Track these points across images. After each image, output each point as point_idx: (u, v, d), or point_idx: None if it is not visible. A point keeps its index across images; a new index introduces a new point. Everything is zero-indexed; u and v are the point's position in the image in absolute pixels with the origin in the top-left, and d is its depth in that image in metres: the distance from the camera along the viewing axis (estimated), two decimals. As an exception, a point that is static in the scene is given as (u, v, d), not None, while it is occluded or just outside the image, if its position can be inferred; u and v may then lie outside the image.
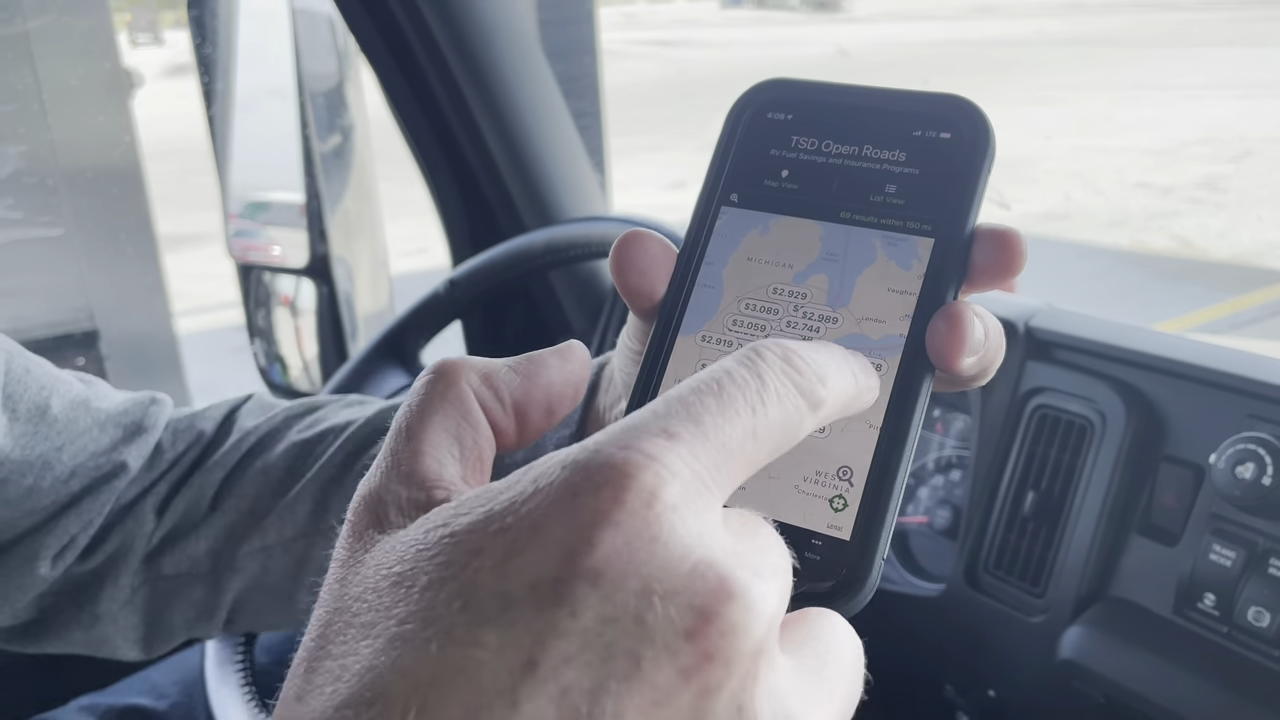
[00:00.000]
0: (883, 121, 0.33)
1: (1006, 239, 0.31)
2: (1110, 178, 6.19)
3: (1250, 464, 0.68)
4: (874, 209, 0.33)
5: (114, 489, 0.54)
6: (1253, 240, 4.96)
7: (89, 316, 2.14)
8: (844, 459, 0.30)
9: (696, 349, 0.33)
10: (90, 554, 0.54)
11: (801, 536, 0.30)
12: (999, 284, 0.31)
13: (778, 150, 0.34)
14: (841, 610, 0.29)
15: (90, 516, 0.53)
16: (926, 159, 0.32)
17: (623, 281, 0.33)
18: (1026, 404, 0.83)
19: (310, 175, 1.38)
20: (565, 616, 0.19)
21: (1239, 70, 9.31)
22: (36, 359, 0.54)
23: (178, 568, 0.55)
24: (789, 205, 0.33)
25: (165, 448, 0.56)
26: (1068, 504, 0.79)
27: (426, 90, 1.12)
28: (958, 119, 0.32)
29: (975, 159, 0.32)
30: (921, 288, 0.31)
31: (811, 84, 0.35)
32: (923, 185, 0.32)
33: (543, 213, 1.14)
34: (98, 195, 2.10)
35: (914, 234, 0.32)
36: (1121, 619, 0.75)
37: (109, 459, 0.54)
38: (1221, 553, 0.70)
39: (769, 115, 0.35)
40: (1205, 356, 0.75)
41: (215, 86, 1.47)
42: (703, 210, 0.34)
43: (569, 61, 1.31)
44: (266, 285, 1.63)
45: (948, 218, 0.32)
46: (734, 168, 0.35)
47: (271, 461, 0.56)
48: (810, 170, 0.34)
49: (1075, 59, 10.76)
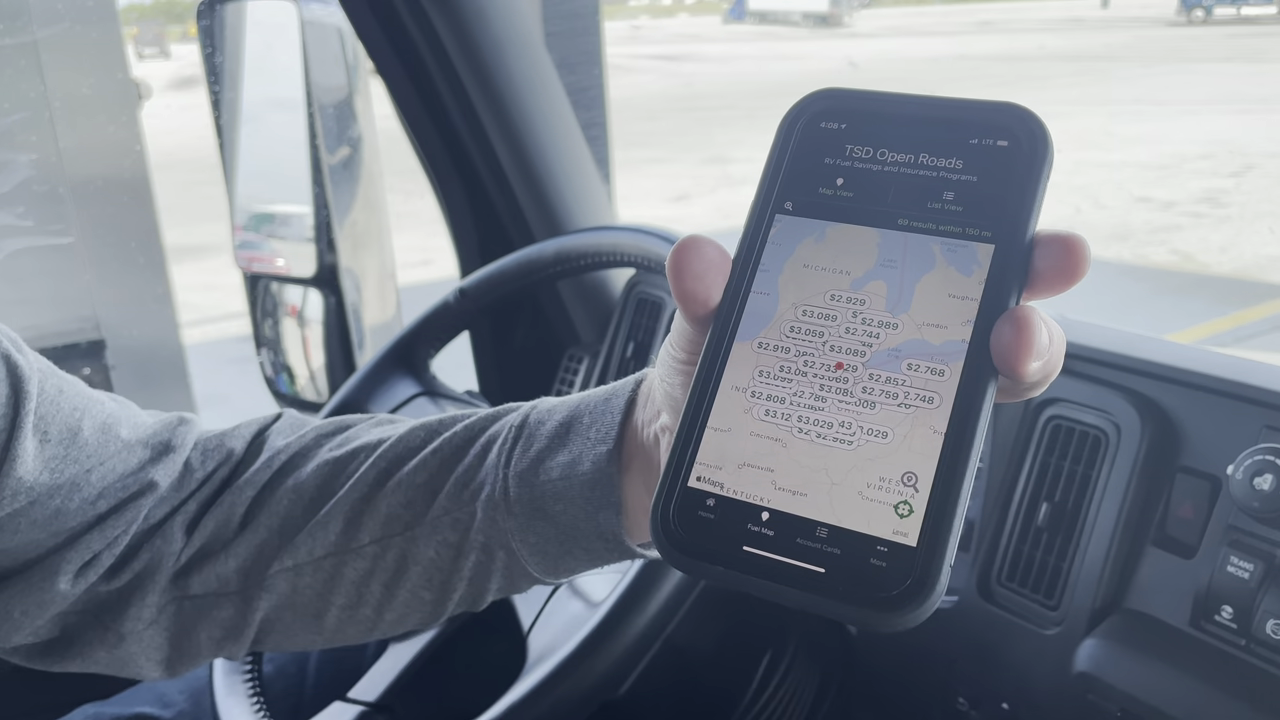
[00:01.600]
0: (938, 130, 0.33)
1: (1070, 244, 0.31)
2: (1112, 192, 6.20)
3: (1269, 475, 0.68)
4: (932, 215, 0.33)
5: (140, 507, 0.53)
6: (1254, 254, 4.97)
7: (95, 326, 2.14)
8: (909, 465, 0.30)
9: (753, 355, 0.33)
10: (117, 573, 0.54)
11: (866, 543, 0.30)
12: (1061, 289, 0.31)
13: (832, 159, 0.34)
14: (908, 618, 0.29)
15: (115, 534, 0.53)
16: (984, 166, 0.32)
17: (679, 286, 0.33)
18: (1040, 415, 0.82)
19: (319, 185, 1.38)
20: None
21: (1238, 85, 9.34)
22: (69, 378, 0.53)
23: (206, 587, 0.54)
24: (845, 213, 0.34)
25: (195, 467, 0.56)
26: (1082, 515, 0.78)
27: (436, 100, 1.12)
28: (1015, 126, 0.33)
29: (1034, 165, 0.32)
30: (984, 293, 0.31)
31: (864, 93, 0.35)
32: (981, 192, 0.32)
33: (551, 223, 1.14)
34: (106, 205, 2.10)
35: (974, 240, 0.32)
36: (1137, 632, 0.75)
37: (136, 479, 0.54)
38: (1239, 565, 0.70)
39: (822, 124, 0.35)
40: (1221, 367, 0.75)
41: (225, 97, 1.48)
42: (756, 218, 0.35)
43: (577, 73, 1.32)
44: (274, 295, 1.63)
45: (1008, 224, 0.32)
46: (788, 176, 0.35)
47: (303, 480, 0.55)
48: (866, 178, 0.34)
49: (1075, 74, 10.80)
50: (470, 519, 0.51)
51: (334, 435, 0.58)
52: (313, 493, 0.55)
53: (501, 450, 0.51)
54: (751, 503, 0.32)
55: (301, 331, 1.60)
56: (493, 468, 0.51)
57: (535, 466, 0.50)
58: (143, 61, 10.24)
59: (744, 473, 0.32)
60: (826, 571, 0.30)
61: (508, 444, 0.51)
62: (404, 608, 0.54)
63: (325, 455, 0.56)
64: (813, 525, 0.31)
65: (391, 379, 0.98)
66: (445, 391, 1.01)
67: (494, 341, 1.29)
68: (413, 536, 0.52)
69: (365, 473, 0.54)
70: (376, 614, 0.55)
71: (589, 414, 0.50)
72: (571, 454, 0.49)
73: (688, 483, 0.33)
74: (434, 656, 0.78)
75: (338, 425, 0.58)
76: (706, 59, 13.89)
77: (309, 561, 0.54)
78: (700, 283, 0.33)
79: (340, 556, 0.54)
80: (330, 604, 0.54)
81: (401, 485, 0.53)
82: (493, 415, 0.54)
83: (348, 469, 0.55)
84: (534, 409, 0.53)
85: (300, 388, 1.63)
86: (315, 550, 0.54)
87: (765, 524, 0.31)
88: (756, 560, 0.31)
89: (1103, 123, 8.13)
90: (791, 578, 0.30)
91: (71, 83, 1.98)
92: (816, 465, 0.31)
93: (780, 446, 0.32)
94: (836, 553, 0.30)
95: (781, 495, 0.31)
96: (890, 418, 0.31)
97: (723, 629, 0.90)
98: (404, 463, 0.54)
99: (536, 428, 0.51)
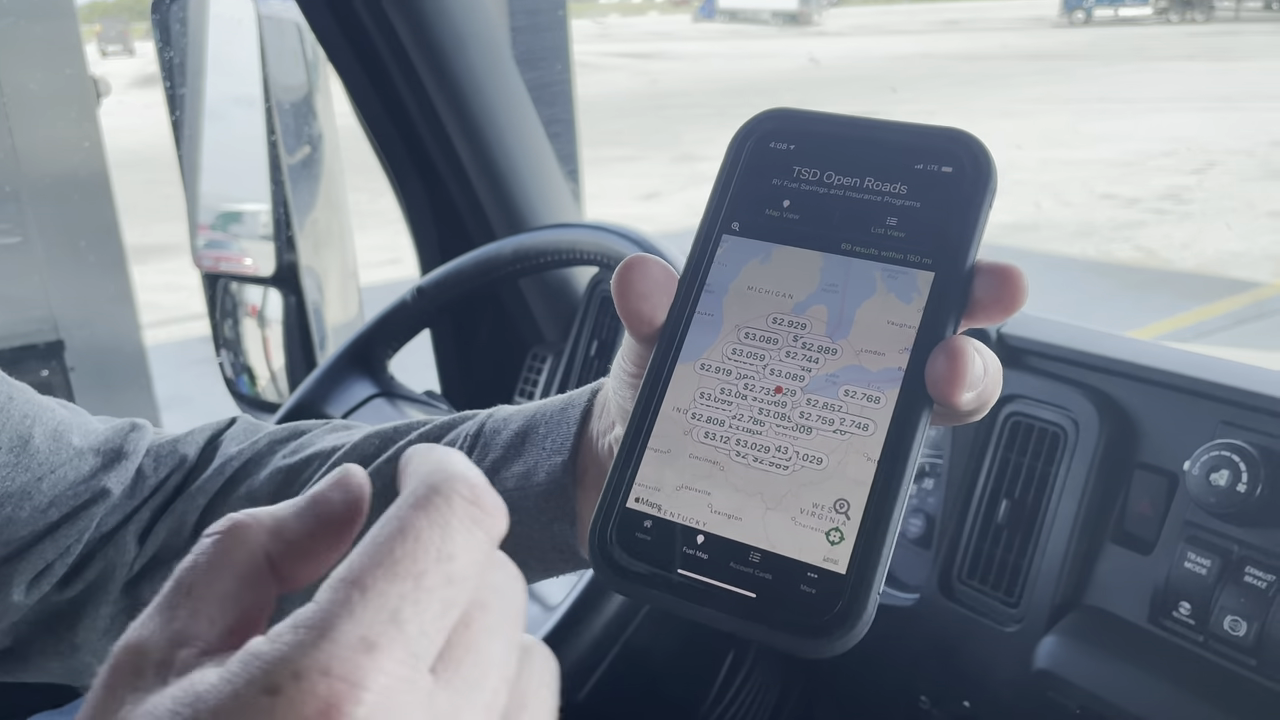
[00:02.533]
0: (885, 154, 0.33)
1: (1007, 275, 0.31)
2: (1077, 189, 6.26)
3: (1225, 471, 0.68)
4: (875, 241, 0.33)
5: (93, 515, 0.53)
6: (1216, 250, 5.04)
7: (54, 327, 2.11)
8: (842, 492, 0.30)
9: (695, 377, 0.33)
10: (70, 583, 0.53)
11: (797, 569, 0.30)
12: (999, 319, 0.31)
13: (780, 180, 0.34)
14: (834, 645, 0.29)
15: (68, 543, 0.52)
16: (928, 192, 0.32)
17: (624, 306, 0.33)
18: (999, 412, 0.82)
19: (277, 183, 1.36)
20: None
21: (1200, 83, 9.47)
22: (18, 385, 0.53)
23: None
24: (790, 235, 0.34)
25: (147, 473, 0.55)
26: (1041, 512, 0.78)
27: (394, 96, 1.11)
28: (959, 153, 0.32)
29: (976, 193, 0.32)
30: (921, 321, 0.31)
31: (814, 114, 0.35)
32: (924, 218, 0.32)
33: (513, 220, 1.12)
34: (63, 203, 2.06)
35: (914, 267, 0.32)
36: (1096, 628, 0.75)
37: (89, 486, 0.53)
38: (1197, 561, 0.70)
39: (771, 145, 0.35)
40: (1178, 363, 0.75)
41: (181, 93, 1.45)
42: (704, 238, 0.34)
43: (540, 69, 1.31)
44: (234, 295, 1.61)
45: (948, 251, 0.32)
46: (736, 196, 0.35)
47: (255, 488, 0.54)
48: (812, 201, 0.34)
49: (1039, 73, 10.90)
50: None
51: (288, 442, 0.57)
52: (266, 501, 0.54)
53: None
54: (688, 525, 0.32)
55: (262, 332, 1.58)
56: None
57: (490, 476, 0.49)
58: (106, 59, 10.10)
59: (682, 495, 0.32)
60: (757, 597, 0.30)
61: (463, 453, 0.51)
62: None
63: (279, 462, 0.55)
64: (746, 550, 0.31)
65: (348, 379, 0.97)
66: (403, 392, 0.99)
67: (456, 341, 1.27)
68: None
69: (319, 481, 0.53)
70: None
71: (545, 424, 0.50)
72: (527, 464, 0.49)
73: (626, 503, 0.33)
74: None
75: (292, 431, 0.58)
76: (676, 57, 13.90)
77: None
78: (645, 302, 0.33)
79: None
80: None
81: None
82: (448, 423, 0.54)
83: (301, 477, 0.54)
84: (490, 417, 0.53)
85: (261, 389, 1.60)
86: None
87: (700, 547, 0.31)
88: (690, 584, 0.31)
89: (1067, 120, 8.22)
90: (723, 602, 0.30)
91: (24, 78, 1.94)
92: (752, 489, 0.31)
93: (718, 469, 0.32)
94: (768, 578, 0.30)
95: (717, 519, 0.31)
96: (825, 443, 0.31)
97: (684, 631, 0.90)
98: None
99: (492, 437, 0.51)
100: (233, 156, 1.51)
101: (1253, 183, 6.11)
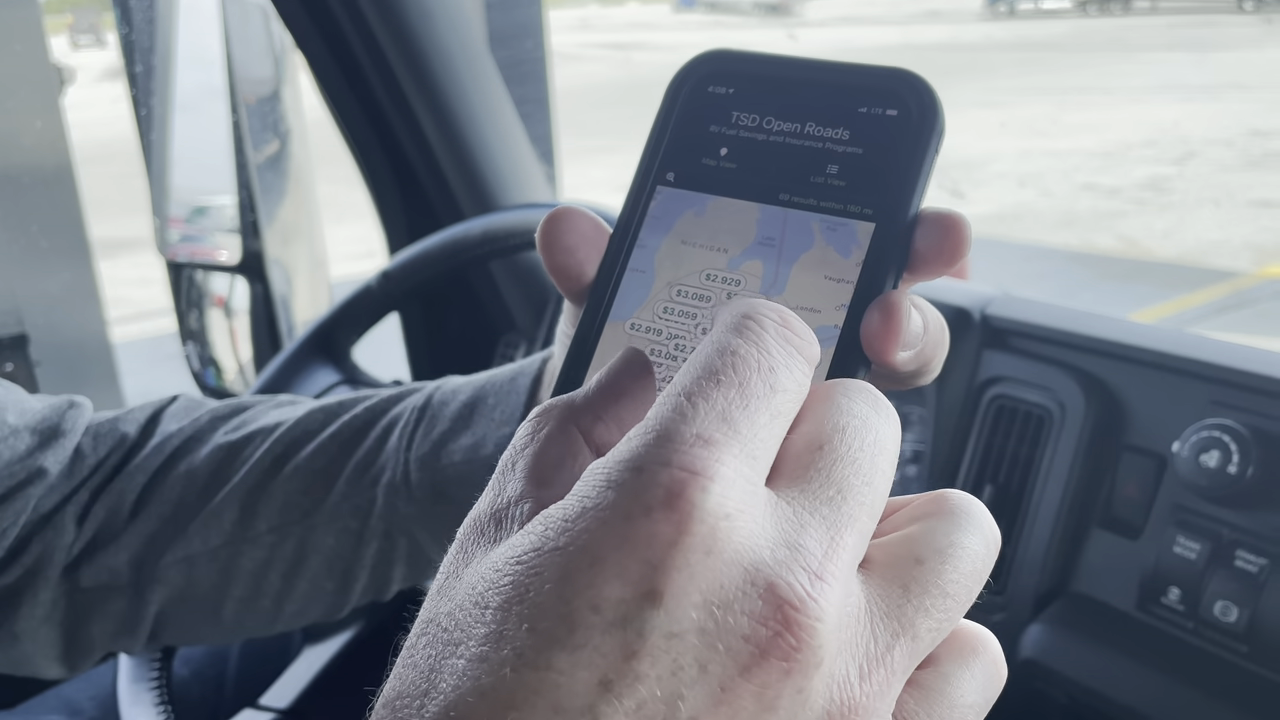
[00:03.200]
0: (827, 96, 0.31)
1: (950, 222, 0.29)
2: (1058, 179, 6.27)
3: (1215, 451, 0.65)
4: (814, 191, 0.30)
5: (29, 496, 0.51)
6: (1197, 239, 5.05)
7: (17, 320, 2.07)
8: None
9: (625, 337, 0.31)
10: (6, 568, 0.51)
11: None
12: (942, 271, 0.29)
13: (717, 126, 0.32)
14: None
15: (3, 526, 0.50)
16: (871, 137, 0.30)
17: (549, 260, 0.32)
18: (983, 394, 0.80)
19: (241, 168, 1.32)
20: (633, 636, 0.20)
21: (1180, 74, 9.51)
22: None
23: (97, 579, 0.52)
24: (727, 186, 0.31)
25: (86, 453, 0.53)
26: (1026, 497, 0.76)
27: (358, 74, 1.08)
28: (905, 94, 0.30)
29: (922, 138, 0.29)
30: (860, 276, 0.29)
31: (755, 55, 0.32)
32: (866, 166, 0.30)
33: (482, 202, 1.09)
34: (25, 193, 2.02)
35: (855, 218, 0.30)
36: (1083, 616, 0.72)
37: (24, 466, 0.51)
38: (1186, 545, 0.67)
39: (709, 89, 0.32)
40: (1166, 342, 0.73)
41: (146, 80, 1.41)
42: (637, 190, 0.32)
43: (512, 46, 1.27)
44: (199, 285, 1.57)
45: (890, 201, 0.29)
46: (671, 144, 0.32)
47: (196, 465, 0.53)
48: (750, 148, 0.31)
49: (1021, 64, 10.93)
50: (370, 505, 0.50)
51: (230, 418, 0.55)
52: (206, 479, 0.53)
53: (403, 434, 0.50)
54: None
55: (229, 323, 1.54)
56: (393, 452, 0.50)
57: (437, 450, 0.49)
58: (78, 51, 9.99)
59: None
60: None
61: (409, 426, 0.50)
62: (305, 599, 0.53)
63: (220, 439, 0.54)
64: None
65: (310, 367, 0.93)
66: (368, 379, 0.96)
67: (426, 327, 1.24)
68: (311, 524, 0.51)
69: (261, 458, 0.52)
70: (276, 605, 0.53)
71: (494, 394, 0.49)
72: (475, 436, 0.48)
73: None
74: (347, 661, 0.74)
75: (234, 407, 0.56)
76: (657, 47, 13.85)
77: (203, 552, 0.52)
78: (571, 257, 0.32)
79: (236, 546, 0.52)
80: (227, 595, 0.53)
81: (299, 470, 0.51)
82: (395, 396, 0.53)
83: (243, 454, 0.53)
84: (438, 389, 0.52)
85: (229, 381, 1.57)
86: (209, 540, 0.52)
87: None
88: None
89: (1049, 111, 8.23)
90: None
91: (-18, 64, 1.90)
92: None
93: None
94: None
95: None
96: None
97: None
98: (301, 447, 0.52)
99: (440, 409, 0.50)
100: (196, 144, 1.47)
101: (1232, 173, 6.14)
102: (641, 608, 0.20)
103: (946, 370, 0.81)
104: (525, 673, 0.19)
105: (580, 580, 0.20)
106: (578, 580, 0.20)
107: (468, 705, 0.20)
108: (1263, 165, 6.25)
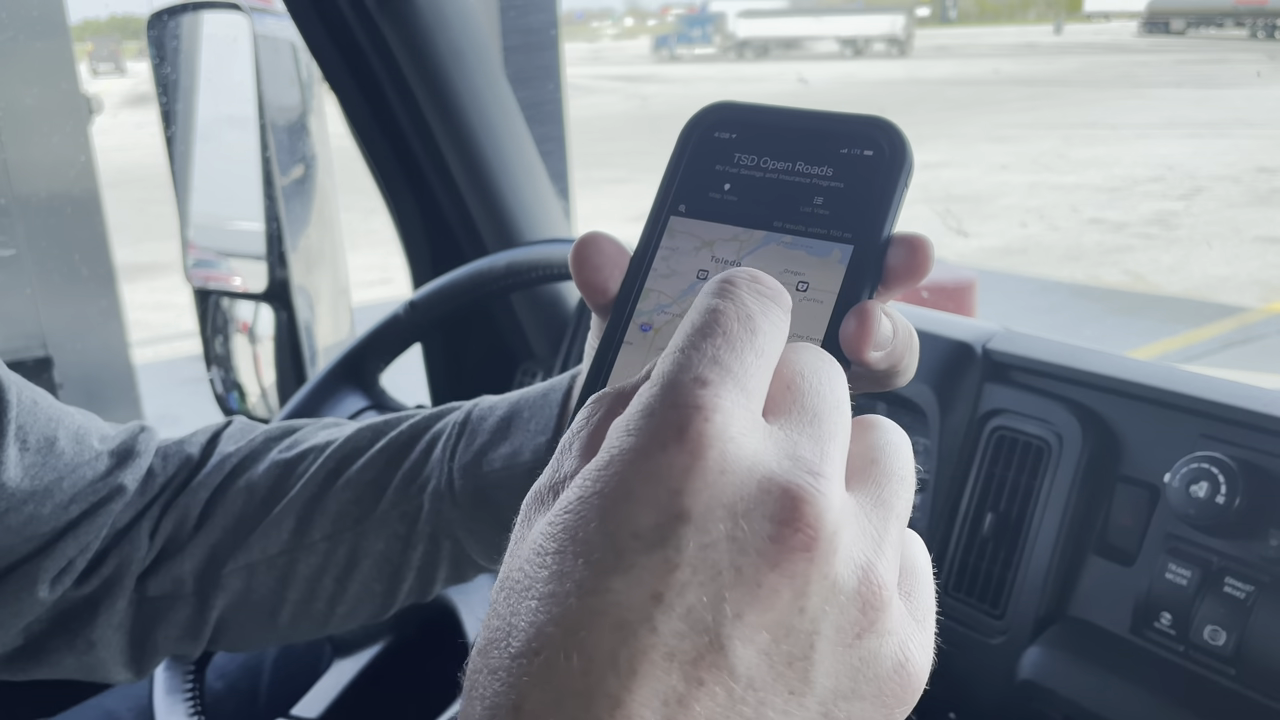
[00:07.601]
0: (814, 140, 0.36)
1: (916, 244, 0.34)
2: (1065, 214, 6.31)
3: (1204, 483, 0.69)
4: (803, 219, 0.35)
5: (110, 512, 0.55)
6: (1203, 274, 5.07)
7: (42, 344, 2.10)
8: None
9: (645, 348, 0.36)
10: (86, 579, 0.55)
11: None
12: (910, 285, 0.34)
13: (722, 165, 0.37)
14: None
15: (88, 540, 0.55)
16: (851, 174, 0.35)
17: (579, 277, 0.36)
18: (985, 425, 0.83)
19: (270, 199, 1.36)
20: (672, 552, 0.23)
21: (1187, 110, 9.56)
22: (40, 391, 0.56)
23: (162, 589, 0.57)
24: (729, 215, 0.36)
25: (157, 472, 0.58)
26: (1026, 525, 0.79)
27: (388, 113, 1.12)
28: (879, 138, 0.35)
29: (893, 174, 0.35)
30: (840, 288, 0.34)
31: (754, 106, 0.38)
32: (846, 198, 0.35)
33: (504, 236, 1.13)
34: (54, 219, 2.06)
35: (836, 241, 0.35)
36: (1080, 639, 0.75)
37: (106, 484, 0.56)
38: (1177, 572, 0.71)
39: (715, 134, 0.38)
40: (1159, 377, 0.76)
41: (175, 109, 1.46)
42: (654, 218, 0.37)
43: (533, 88, 1.32)
44: (225, 311, 1.61)
45: (867, 226, 0.34)
46: (683, 181, 0.37)
47: (255, 481, 0.57)
48: (749, 184, 0.37)
49: (1030, 99, 10.99)
50: (417, 511, 0.55)
51: (282, 438, 0.60)
52: (264, 493, 0.57)
53: (446, 445, 0.55)
54: None
55: (253, 348, 1.58)
56: (438, 462, 0.55)
57: (478, 459, 0.53)
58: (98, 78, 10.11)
59: None
60: None
61: (452, 439, 0.55)
62: (355, 600, 0.57)
63: (276, 457, 0.58)
64: None
65: (340, 392, 0.97)
66: (395, 405, 1.00)
67: (446, 356, 1.28)
68: (362, 531, 0.55)
69: (315, 472, 0.57)
70: (329, 608, 0.57)
71: (529, 408, 0.54)
72: (513, 445, 0.53)
73: None
74: (378, 673, 0.77)
75: (285, 429, 0.61)
76: (668, 80, 13.97)
77: (262, 560, 0.56)
78: (598, 274, 0.36)
79: (293, 554, 0.56)
80: (284, 600, 0.57)
81: (350, 483, 0.56)
82: (436, 414, 0.58)
83: (297, 469, 0.57)
84: (476, 406, 0.56)
85: (251, 405, 1.60)
86: (268, 548, 0.56)
87: None
88: None
89: (1056, 146, 8.28)
90: None
91: (17, 94, 1.95)
92: None
93: None
94: None
95: None
96: None
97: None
98: (352, 461, 0.57)
99: (479, 423, 0.55)
100: (226, 175, 1.51)
101: (1239, 209, 6.17)
102: (675, 528, 0.23)
103: (949, 402, 0.85)
104: (588, 599, 0.23)
105: (619, 514, 0.24)
106: (617, 514, 0.24)
107: (545, 635, 0.23)
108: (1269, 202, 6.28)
